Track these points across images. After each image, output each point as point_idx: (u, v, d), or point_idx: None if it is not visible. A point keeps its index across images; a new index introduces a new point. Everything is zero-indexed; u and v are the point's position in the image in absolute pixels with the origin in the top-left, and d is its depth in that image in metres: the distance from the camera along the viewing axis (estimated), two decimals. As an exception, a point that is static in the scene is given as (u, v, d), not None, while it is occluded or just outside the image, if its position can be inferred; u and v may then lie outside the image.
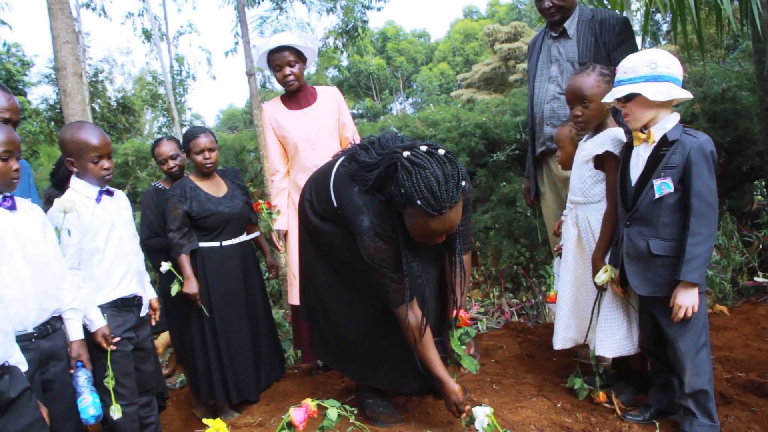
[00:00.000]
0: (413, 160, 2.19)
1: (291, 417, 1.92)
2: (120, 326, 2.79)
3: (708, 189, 2.25)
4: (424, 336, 2.46)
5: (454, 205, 2.18)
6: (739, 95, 5.71)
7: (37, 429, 1.92)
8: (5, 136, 2.26)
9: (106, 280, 2.77)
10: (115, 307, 2.80)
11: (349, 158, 2.58)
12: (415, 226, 2.26)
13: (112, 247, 2.79)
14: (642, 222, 2.37)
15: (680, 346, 2.35)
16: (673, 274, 2.29)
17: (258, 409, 3.44)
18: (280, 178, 3.92)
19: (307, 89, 3.91)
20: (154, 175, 7.10)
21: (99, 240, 2.74)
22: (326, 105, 3.87)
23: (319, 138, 3.77)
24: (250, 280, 3.79)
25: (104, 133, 2.80)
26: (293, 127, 3.79)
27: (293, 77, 3.73)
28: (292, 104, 3.87)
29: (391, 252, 2.42)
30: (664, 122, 2.35)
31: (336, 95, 3.97)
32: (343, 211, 2.54)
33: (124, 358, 2.79)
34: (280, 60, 3.70)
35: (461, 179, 2.19)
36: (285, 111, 3.85)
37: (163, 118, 19.13)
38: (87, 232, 2.70)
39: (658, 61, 2.32)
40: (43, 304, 2.34)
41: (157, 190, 3.99)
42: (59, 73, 4.88)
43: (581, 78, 2.66)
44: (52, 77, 15.23)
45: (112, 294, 2.79)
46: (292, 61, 3.70)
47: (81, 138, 2.71)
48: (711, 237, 2.27)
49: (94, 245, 2.72)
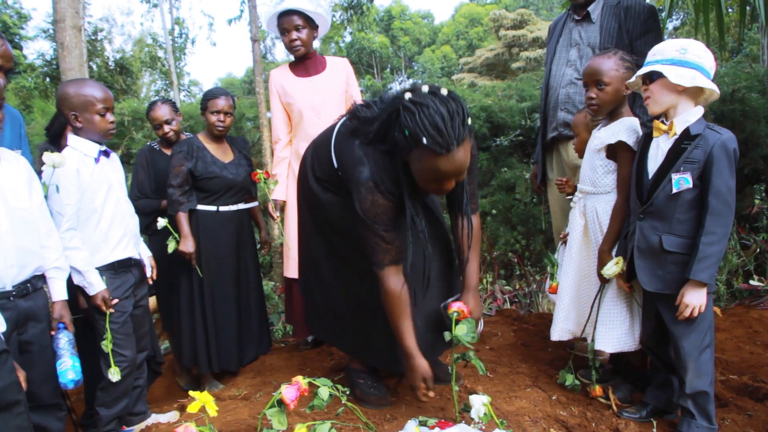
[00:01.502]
0: (416, 101, 2.14)
1: (282, 394, 1.85)
2: (118, 288, 2.76)
3: (727, 188, 2.18)
4: (401, 303, 2.40)
5: (462, 144, 2.12)
6: (749, 96, 5.65)
7: (11, 394, 1.84)
8: None
9: (103, 242, 2.73)
10: (112, 269, 2.76)
11: (351, 116, 2.51)
12: (423, 170, 2.19)
13: (109, 208, 2.75)
14: (656, 216, 2.30)
15: (684, 345, 2.29)
16: (684, 271, 2.22)
17: (243, 382, 3.39)
18: (281, 146, 3.86)
19: (316, 57, 3.83)
20: (150, 137, 6.99)
21: (97, 201, 2.70)
22: (334, 75, 3.80)
23: (324, 107, 3.70)
24: (243, 249, 3.74)
25: (107, 89, 2.80)
26: (299, 94, 3.72)
27: (299, 42, 3.66)
28: (300, 71, 3.80)
29: (387, 209, 2.35)
30: (688, 115, 2.27)
31: (346, 66, 3.89)
32: (343, 167, 2.47)
33: (124, 319, 2.76)
34: (287, 23, 3.63)
35: (466, 117, 2.14)
36: (292, 77, 3.78)
37: (161, 82, 18.96)
38: (86, 192, 2.65)
39: (688, 47, 2.24)
40: (24, 260, 2.25)
41: (151, 150, 3.93)
42: (57, 26, 4.74)
43: (601, 59, 2.57)
44: (50, 32, 15.01)
45: (110, 256, 2.75)
46: (300, 26, 3.63)
47: (87, 92, 2.68)
48: (725, 237, 2.20)
49: (92, 206, 2.68)
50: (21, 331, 2.24)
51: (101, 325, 2.68)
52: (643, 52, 2.98)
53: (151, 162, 3.85)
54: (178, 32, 16.00)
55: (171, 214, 3.52)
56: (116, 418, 2.80)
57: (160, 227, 3.49)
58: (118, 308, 2.72)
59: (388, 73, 40.07)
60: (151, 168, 3.84)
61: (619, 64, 2.54)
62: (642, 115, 2.89)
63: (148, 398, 3.33)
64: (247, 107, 7.62)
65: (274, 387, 3.17)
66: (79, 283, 2.62)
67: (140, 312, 2.94)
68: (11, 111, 2.73)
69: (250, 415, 2.78)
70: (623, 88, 2.54)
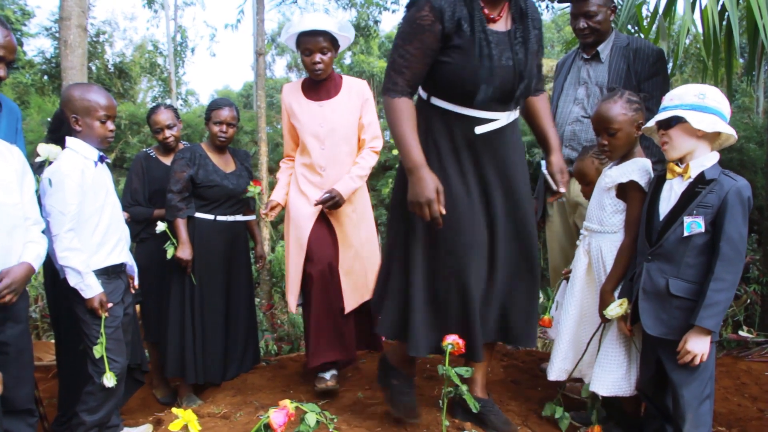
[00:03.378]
0: None
1: (270, 419, 1.76)
2: (112, 293, 2.73)
3: (739, 235, 2.14)
4: (408, 110, 2.35)
5: None
6: (747, 147, 5.71)
7: None
8: None
9: (100, 246, 2.71)
10: (106, 274, 2.73)
11: None
12: None
13: (107, 212, 2.75)
14: (665, 259, 2.25)
15: (684, 394, 2.23)
16: (688, 317, 2.17)
17: (223, 399, 3.30)
18: (286, 164, 3.59)
19: (333, 79, 3.50)
20: (145, 142, 6.94)
21: (96, 204, 2.69)
22: (348, 101, 3.47)
23: (329, 138, 3.39)
24: (236, 261, 3.71)
25: (112, 97, 2.81)
26: (306, 120, 3.43)
27: (322, 66, 3.34)
28: (311, 93, 3.48)
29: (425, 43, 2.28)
30: (704, 159, 2.24)
31: (363, 91, 3.53)
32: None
33: (116, 324, 2.73)
34: (312, 44, 3.30)
35: None
36: (302, 99, 3.49)
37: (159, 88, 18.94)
38: (86, 194, 2.64)
39: (707, 93, 2.22)
40: (6, 260, 2.19)
41: (148, 158, 3.89)
42: (62, 23, 4.70)
43: (608, 105, 2.53)
44: (52, 30, 14.98)
45: (106, 260, 2.73)
46: (325, 48, 3.32)
47: (91, 97, 2.69)
48: (734, 285, 2.16)
49: (92, 208, 2.67)
50: None
51: (94, 330, 2.63)
52: (650, 94, 2.98)
53: (147, 169, 3.82)
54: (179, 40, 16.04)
55: (169, 220, 3.50)
56: (99, 424, 2.73)
57: (159, 232, 3.47)
58: (111, 313, 2.68)
59: (386, 97, 40.28)
60: (146, 176, 3.81)
61: (626, 108, 2.50)
62: (649, 157, 2.86)
63: (123, 409, 3.24)
64: (246, 120, 7.58)
65: (255, 407, 3.09)
66: (75, 285, 2.56)
67: (127, 320, 2.88)
68: (10, 104, 2.68)
69: (228, 433, 2.70)
70: (634, 130, 2.51)
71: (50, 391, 3.66)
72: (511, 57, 2.30)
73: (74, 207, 2.55)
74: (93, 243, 2.67)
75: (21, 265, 2.27)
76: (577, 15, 3.23)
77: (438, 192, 2.25)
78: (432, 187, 2.24)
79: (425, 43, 2.26)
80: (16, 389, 2.18)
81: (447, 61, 2.28)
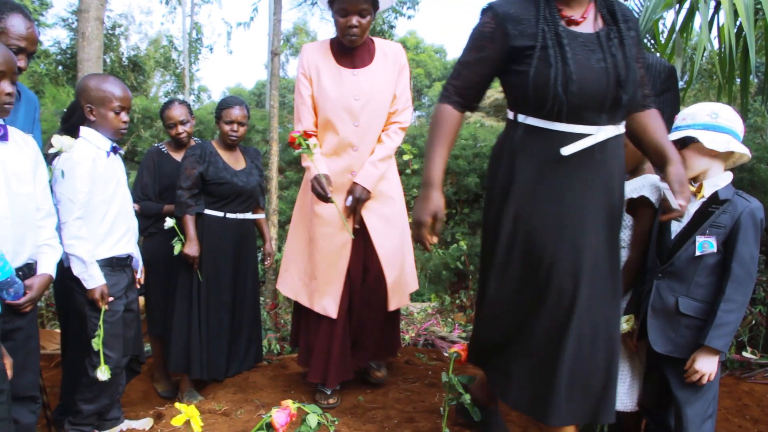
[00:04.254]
0: None
1: (273, 418, 1.77)
2: (113, 286, 2.73)
3: (751, 256, 2.14)
4: (451, 126, 2.19)
5: None
6: (758, 167, 5.71)
7: None
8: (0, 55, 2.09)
9: (108, 235, 2.74)
10: (110, 265, 2.75)
11: None
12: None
13: (116, 203, 2.77)
14: (675, 277, 2.25)
15: (688, 412, 2.22)
16: (697, 336, 2.17)
17: (224, 396, 3.31)
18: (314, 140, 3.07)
19: (366, 43, 3.07)
20: (157, 137, 6.97)
21: (106, 194, 2.72)
22: (385, 68, 3.03)
23: (364, 113, 2.98)
24: (244, 259, 3.72)
25: (128, 89, 2.83)
26: (338, 90, 2.98)
27: (358, 30, 2.92)
28: (343, 59, 3.03)
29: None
30: (717, 179, 2.25)
31: (400, 56, 3.09)
32: None
33: (115, 319, 2.73)
34: (350, 5, 2.86)
35: None
36: (332, 64, 3.01)
37: (172, 84, 19.04)
38: (97, 184, 2.67)
39: (720, 112, 2.23)
40: (19, 248, 2.20)
41: (159, 153, 3.91)
42: (81, 15, 4.73)
43: None
44: (69, 21, 15.06)
45: (111, 251, 2.76)
46: (365, 10, 2.89)
47: (107, 88, 2.73)
48: (744, 306, 2.16)
49: (101, 198, 2.69)
50: (7, 320, 2.15)
51: (93, 322, 2.65)
52: (661, 109, 2.98)
53: (158, 165, 3.84)
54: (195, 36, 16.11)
55: (178, 216, 3.51)
56: (97, 413, 2.77)
57: (167, 227, 3.49)
58: (110, 307, 2.69)
59: (397, 102, 40.36)
60: (157, 171, 3.83)
61: None
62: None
63: (124, 402, 3.26)
64: (257, 119, 7.61)
65: (255, 405, 3.10)
66: (79, 274, 2.58)
67: (130, 316, 2.90)
68: (28, 94, 2.70)
69: (228, 429, 2.71)
70: None
71: (53, 380, 3.68)
72: (603, 59, 2.02)
73: (83, 195, 2.58)
74: (100, 233, 2.69)
75: (42, 277, 2.31)
76: None
77: (435, 218, 2.11)
78: (430, 210, 2.10)
79: (484, 52, 2.11)
80: (21, 376, 2.18)
81: (522, 70, 2.06)
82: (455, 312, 6.08)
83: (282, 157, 7.26)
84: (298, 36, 20.60)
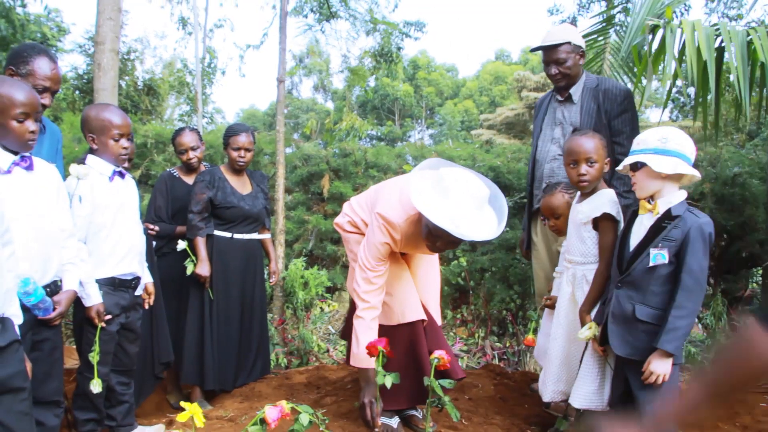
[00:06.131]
0: None
1: (265, 414, 2.00)
2: (113, 305, 2.88)
3: (700, 267, 2.33)
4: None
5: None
6: (749, 182, 5.80)
7: (18, 380, 1.98)
8: (25, 97, 2.30)
9: (109, 256, 2.87)
10: (111, 285, 2.88)
11: None
12: None
13: (118, 225, 2.90)
14: (632, 286, 2.46)
15: (648, 410, 2.41)
16: (652, 341, 2.37)
17: (231, 405, 3.51)
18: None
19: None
20: (170, 161, 7.22)
21: (107, 216, 2.85)
22: None
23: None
24: (251, 277, 3.95)
25: (127, 116, 2.95)
26: None
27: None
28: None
29: None
30: (671, 197, 2.44)
31: None
32: None
33: (108, 337, 2.87)
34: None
35: None
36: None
37: (186, 107, 19.37)
38: (97, 208, 2.81)
39: (669, 137, 2.42)
40: (45, 267, 2.41)
41: (172, 177, 4.10)
42: (97, 47, 4.99)
43: (586, 139, 2.78)
44: (86, 48, 15.44)
45: (113, 271, 2.88)
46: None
47: (105, 117, 2.85)
48: (694, 313, 2.36)
49: (101, 220, 2.82)
50: (36, 331, 2.38)
51: (89, 337, 2.80)
52: (620, 130, 3.27)
53: (171, 188, 4.03)
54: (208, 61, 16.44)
55: (190, 238, 3.73)
56: (93, 420, 2.93)
57: (180, 250, 3.70)
58: (106, 325, 2.83)
59: (409, 120, 40.57)
60: (169, 194, 4.01)
61: (601, 144, 2.78)
62: (618, 186, 3.16)
63: (138, 413, 3.45)
64: (266, 143, 7.85)
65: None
66: (78, 293, 2.71)
67: (132, 336, 3.06)
68: (52, 127, 2.94)
69: (233, 435, 2.92)
70: (605, 164, 2.78)
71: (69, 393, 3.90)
72: None
73: (83, 219, 2.74)
74: (102, 253, 2.84)
75: (68, 293, 2.54)
76: (548, 62, 3.47)
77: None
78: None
79: None
80: (47, 382, 2.41)
81: None
82: (457, 326, 6.25)
83: (290, 178, 7.48)
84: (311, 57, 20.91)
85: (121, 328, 2.97)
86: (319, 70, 23.65)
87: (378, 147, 8.88)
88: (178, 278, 3.83)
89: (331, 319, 6.50)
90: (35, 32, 13.39)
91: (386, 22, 12.11)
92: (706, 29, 3.09)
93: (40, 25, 14.81)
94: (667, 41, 3.05)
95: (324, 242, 7.48)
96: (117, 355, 2.99)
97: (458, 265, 6.14)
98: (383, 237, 2.76)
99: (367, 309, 2.81)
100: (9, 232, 2.04)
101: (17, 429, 1.94)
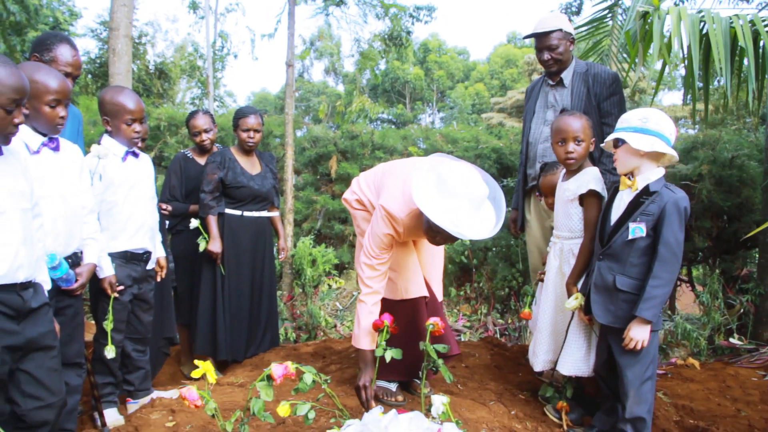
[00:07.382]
0: None
1: (271, 370, 2.19)
2: (125, 276, 3.06)
3: (675, 240, 2.49)
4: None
5: None
6: (747, 164, 5.88)
7: (49, 339, 2.18)
8: (58, 84, 2.46)
9: (121, 232, 3.05)
10: (124, 258, 3.07)
11: None
12: None
13: (130, 202, 3.07)
14: (613, 258, 2.62)
15: (628, 374, 2.59)
16: (632, 309, 2.53)
17: (242, 373, 3.71)
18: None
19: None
20: (182, 143, 7.41)
21: (119, 194, 3.02)
22: None
23: None
24: (260, 253, 4.14)
25: (141, 100, 3.09)
26: None
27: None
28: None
29: None
30: (649, 174, 2.59)
31: None
32: None
33: (121, 306, 3.06)
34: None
35: None
36: None
37: (197, 90, 19.56)
38: (110, 186, 2.98)
39: (649, 117, 2.58)
40: (69, 241, 2.60)
41: (185, 158, 4.28)
42: (111, 33, 5.14)
43: (573, 119, 2.93)
44: (98, 33, 15.63)
45: (124, 245, 3.07)
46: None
47: (119, 101, 3.01)
48: (670, 282, 2.52)
49: (113, 198, 3.00)
50: (59, 299, 2.58)
51: (104, 307, 2.98)
52: (609, 111, 3.44)
53: (184, 169, 4.22)
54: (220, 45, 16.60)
55: (202, 217, 3.92)
56: (110, 384, 3.12)
57: (192, 228, 3.90)
58: (119, 295, 3.01)
59: (420, 104, 40.54)
60: (183, 174, 4.20)
61: (587, 124, 2.93)
62: (608, 163, 3.33)
63: (154, 383, 3.66)
64: (276, 125, 8.02)
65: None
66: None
67: (145, 305, 3.25)
68: (73, 110, 3.11)
69: (243, 398, 3.10)
70: (591, 143, 2.93)
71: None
72: None
73: (96, 197, 2.89)
74: (116, 227, 3.02)
75: (89, 266, 2.73)
76: (541, 48, 3.62)
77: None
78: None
79: None
80: (70, 345, 2.61)
81: None
82: (461, 303, 6.43)
83: (298, 159, 7.64)
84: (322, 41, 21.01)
85: (134, 298, 3.16)
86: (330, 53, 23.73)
87: (385, 129, 9.03)
88: (191, 255, 4.04)
89: (339, 295, 6.70)
90: (48, 17, 13.57)
91: (396, 5, 12.20)
92: (691, 16, 3.23)
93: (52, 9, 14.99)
94: (654, 27, 3.18)
95: (332, 221, 7.67)
96: (132, 324, 3.18)
97: (461, 245, 6.29)
98: (386, 228, 2.89)
99: (370, 294, 2.96)
100: (38, 206, 2.24)
101: (48, 383, 2.16)
